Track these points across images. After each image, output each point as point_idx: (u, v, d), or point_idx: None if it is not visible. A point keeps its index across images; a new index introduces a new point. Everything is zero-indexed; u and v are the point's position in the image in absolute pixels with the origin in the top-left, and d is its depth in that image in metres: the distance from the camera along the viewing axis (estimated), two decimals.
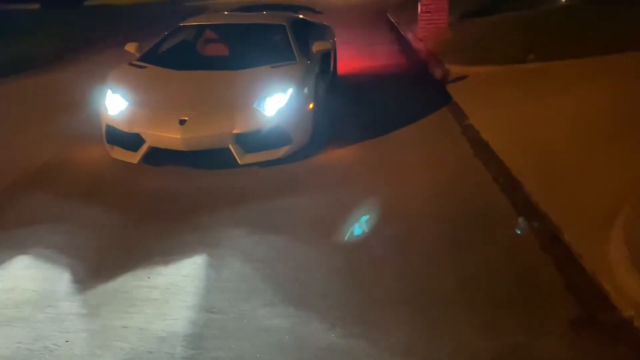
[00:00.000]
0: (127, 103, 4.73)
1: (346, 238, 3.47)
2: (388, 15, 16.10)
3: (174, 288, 3.01)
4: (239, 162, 4.52)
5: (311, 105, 5.05)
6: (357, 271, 3.09)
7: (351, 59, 9.18)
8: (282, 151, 4.68)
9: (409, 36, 11.77)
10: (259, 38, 6.08)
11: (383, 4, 18.82)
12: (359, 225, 3.61)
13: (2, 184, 4.55)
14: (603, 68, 6.71)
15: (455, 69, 8.01)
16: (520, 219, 3.56)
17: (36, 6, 21.42)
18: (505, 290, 2.82)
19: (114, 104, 4.77)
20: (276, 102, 4.67)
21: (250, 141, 4.55)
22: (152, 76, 5.19)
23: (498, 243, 3.29)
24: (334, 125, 5.73)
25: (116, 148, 4.80)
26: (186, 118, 4.45)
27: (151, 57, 5.56)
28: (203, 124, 4.49)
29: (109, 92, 4.87)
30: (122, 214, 3.97)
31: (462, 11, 12.58)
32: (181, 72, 5.22)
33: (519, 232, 3.41)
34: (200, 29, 6.53)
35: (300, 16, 7.09)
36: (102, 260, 3.34)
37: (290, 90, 4.77)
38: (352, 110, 6.43)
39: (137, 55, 5.60)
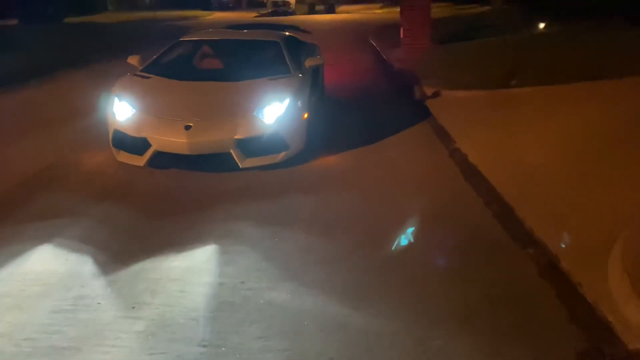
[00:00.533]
0: (134, 110, 5.05)
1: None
2: (370, 39, 16.25)
3: (193, 269, 3.36)
4: (240, 165, 4.84)
5: (306, 115, 5.42)
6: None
7: (336, 83, 9.17)
8: (279, 156, 5.03)
9: (392, 60, 11.85)
10: (255, 53, 6.47)
11: (363, 29, 19.07)
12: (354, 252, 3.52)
13: (9, 184, 4.82)
14: (586, 94, 6.79)
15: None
16: (516, 246, 3.49)
17: (14, 21, 21.12)
18: (508, 320, 2.74)
19: (122, 110, 5.08)
20: (275, 110, 5.03)
21: (250, 146, 4.89)
22: (157, 86, 5.52)
23: (496, 271, 3.22)
24: (325, 135, 6.02)
25: (122, 152, 5.08)
26: (191, 124, 4.79)
27: (154, 69, 5.91)
28: (207, 130, 4.82)
29: (116, 99, 5.19)
30: (134, 211, 4.26)
31: (442, 36, 12.77)
32: (184, 82, 5.58)
33: (514, 259, 3.34)
34: (200, 43, 6.91)
35: (291, 34, 7.42)
36: (121, 248, 3.64)
37: (287, 100, 5.14)
38: (341, 128, 6.47)
39: (139, 67, 5.97)
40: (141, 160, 4.91)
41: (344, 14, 34.51)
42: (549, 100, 6.85)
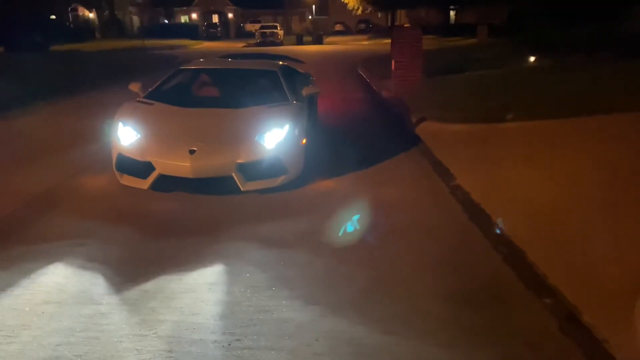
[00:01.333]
0: (138, 135, 5.15)
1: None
2: (359, 70, 16.27)
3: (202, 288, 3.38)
4: (241, 189, 4.96)
5: (304, 141, 5.56)
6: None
7: (328, 115, 9.02)
8: (279, 180, 5.15)
9: (383, 93, 11.77)
10: (254, 82, 6.68)
11: (352, 60, 19.13)
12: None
13: (14, 206, 4.79)
14: (585, 129, 6.68)
15: (434, 127, 7.91)
16: (532, 295, 3.26)
17: (0, 49, 20.91)
18: None
19: (126, 135, 5.17)
20: (275, 136, 5.16)
21: (251, 170, 5.01)
22: (160, 112, 5.64)
23: (514, 326, 2.96)
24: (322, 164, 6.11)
25: (126, 175, 5.15)
26: (195, 148, 4.90)
27: (157, 96, 6.05)
28: (210, 154, 4.94)
29: (120, 125, 5.29)
30: (139, 233, 4.25)
31: (432, 69, 12.76)
32: (187, 109, 5.68)
33: (532, 311, 3.10)
34: (200, 72, 7.08)
35: (286, 64, 7.51)
36: (132, 268, 3.61)
37: (286, 127, 5.27)
38: (337, 166, 6.21)
39: (141, 93, 6.12)
40: (145, 184, 4.99)
41: (332, 45, 34.85)
42: (548, 135, 6.72)
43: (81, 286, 3.34)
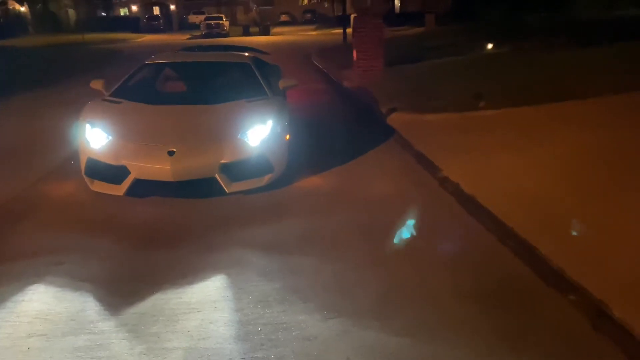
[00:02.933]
0: (109, 137, 4.74)
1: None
2: (314, 61, 16.00)
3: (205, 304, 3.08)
4: (227, 190, 4.65)
5: (288, 136, 5.30)
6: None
7: (294, 110, 8.73)
8: (265, 179, 4.87)
9: (345, 83, 11.58)
10: (227, 75, 6.35)
11: (304, 51, 18.85)
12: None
13: None
14: (559, 115, 6.71)
15: (406, 117, 7.78)
16: (555, 292, 3.14)
17: None
18: None
19: (95, 138, 4.77)
20: (259, 133, 4.87)
21: (236, 170, 4.72)
22: (131, 111, 5.22)
23: (544, 327, 2.81)
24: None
25: (97, 181, 4.77)
26: (174, 149, 4.55)
27: (123, 93, 5.59)
28: (192, 155, 4.61)
29: (88, 126, 4.86)
30: (122, 244, 3.89)
31: (390, 58, 12.63)
32: (159, 106, 5.34)
33: (560, 309, 2.98)
34: (168, 66, 6.67)
35: (255, 55, 7.12)
36: (123, 287, 3.25)
37: (270, 122, 4.98)
38: (317, 157, 5.96)
39: (104, 92, 5.66)
40: (120, 190, 4.63)
41: (280, 36, 34.37)
42: (523, 122, 6.70)
43: (68, 313, 2.95)
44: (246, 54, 6.99)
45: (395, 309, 2.97)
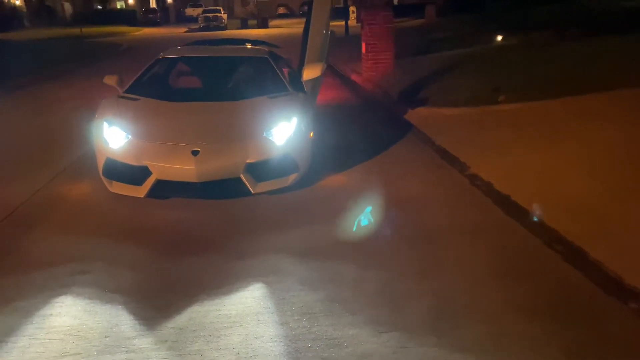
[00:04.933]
0: (128, 136, 4.54)
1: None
2: None
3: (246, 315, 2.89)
4: (252, 191, 4.46)
5: (311, 134, 5.06)
6: None
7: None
8: (290, 179, 4.70)
9: (354, 77, 11.36)
10: (245, 70, 6.15)
11: None
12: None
13: None
14: (583, 109, 6.52)
15: (423, 112, 7.59)
16: (615, 301, 2.95)
17: None
18: None
19: (114, 137, 4.56)
20: (284, 131, 4.68)
21: (261, 170, 4.53)
22: (149, 108, 5.01)
23: (615, 343, 2.59)
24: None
25: (116, 182, 4.56)
26: (199, 149, 4.35)
27: (140, 90, 5.34)
28: (216, 155, 4.42)
29: (105, 125, 4.64)
30: (149, 251, 3.69)
31: (398, 51, 12.39)
32: (179, 103, 5.12)
33: (625, 322, 2.79)
34: (183, 61, 6.42)
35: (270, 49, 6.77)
36: (155, 298, 3.05)
37: (294, 120, 4.79)
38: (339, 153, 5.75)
39: (119, 88, 5.42)
40: (141, 191, 4.40)
41: (279, 29, 34.03)
42: (546, 116, 6.51)
43: (101, 328, 2.75)
44: (263, 47, 6.73)
45: (449, 322, 2.77)
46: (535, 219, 3.93)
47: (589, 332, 2.69)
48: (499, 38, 12.34)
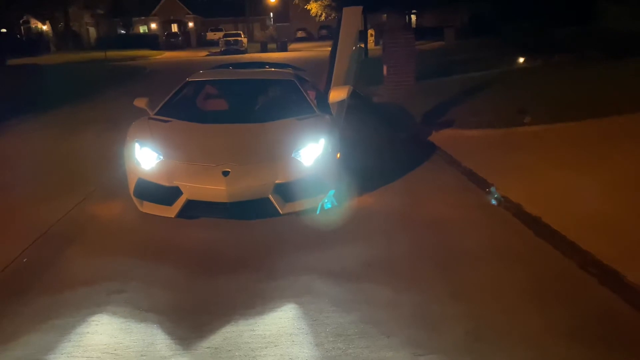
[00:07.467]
0: (160, 157, 4.60)
1: None
2: None
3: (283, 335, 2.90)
4: (280, 212, 4.46)
5: (338, 155, 5.07)
6: None
7: None
8: (318, 200, 4.70)
9: (376, 99, 11.42)
10: (272, 92, 6.26)
11: (324, 67, 18.69)
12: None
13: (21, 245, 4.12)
14: (608, 131, 6.48)
15: (447, 133, 7.60)
16: None
17: None
18: None
19: (146, 157, 4.63)
20: (312, 152, 4.72)
21: (290, 191, 4.53)
22: (180, 130, 5.12)
23: None
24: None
25: (147, 203, 4.61)
26: (229, 170, 4.39)
27: (170, 112, 5.46)
28: (246, 175, 4.45)
29: (137, 145, 4.72)
30: (181, 270, 3.73)
31: (419, 73, 12.44)
32: (208, 125, 5.21)
33: None
34: (212, 84, 6.55)
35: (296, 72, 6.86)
36: (190, 318, 3.07)
37: (322, 141, 4.83)
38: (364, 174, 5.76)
39: (148, 110, 5.50)
40: (171, 211, 4.43)
41: (298, 52, 34.42)
42: (572, 138, 6.49)
43: (137, 347, 2.76)
44: (289, 70, 6.83)
45: (488, 346, 2.73)
46: (569, 241, 3.89)
47: (632, 358, 2.63)
48: (521, 60, 12.34)
